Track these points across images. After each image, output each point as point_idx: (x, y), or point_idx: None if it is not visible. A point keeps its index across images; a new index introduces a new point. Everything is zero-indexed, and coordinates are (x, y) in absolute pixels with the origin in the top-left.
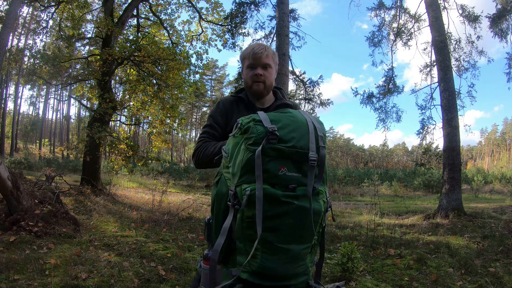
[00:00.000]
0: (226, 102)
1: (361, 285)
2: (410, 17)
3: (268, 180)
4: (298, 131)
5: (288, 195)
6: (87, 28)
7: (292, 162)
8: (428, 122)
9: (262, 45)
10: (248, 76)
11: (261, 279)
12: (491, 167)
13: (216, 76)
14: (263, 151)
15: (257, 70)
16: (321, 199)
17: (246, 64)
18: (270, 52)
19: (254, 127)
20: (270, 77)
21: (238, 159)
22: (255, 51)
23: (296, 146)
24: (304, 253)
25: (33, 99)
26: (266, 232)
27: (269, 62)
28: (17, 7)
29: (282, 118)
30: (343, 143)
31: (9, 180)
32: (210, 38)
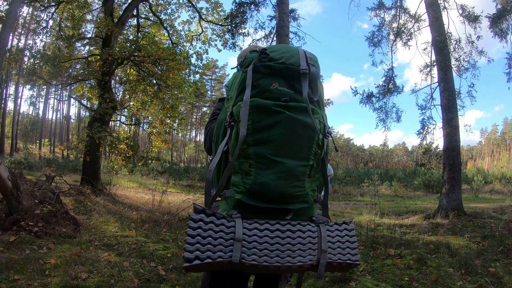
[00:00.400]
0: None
1: (361, 285)
2: (410, 17)
3: (260, 94)
4: (289, 52)
5: (279, 105)
6: (87, 28)
7: (283, 78)
8: (428, 122)
9: (258, 47)
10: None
11: (255, 199)
12: (491, 167)
13: (216, 76)
14: (255, 69)
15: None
16: (317, 118)
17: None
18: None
19: (250, 54)
20: None
21: (235, 83)
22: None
23: (285, 63)
24: (300, 171)
25: (33, 99)
26: (258, 145)
27: None
28: (17, 7)
29: (275, 46)
30: (343, 143)
31: (9, 180)
32: (210, 38)
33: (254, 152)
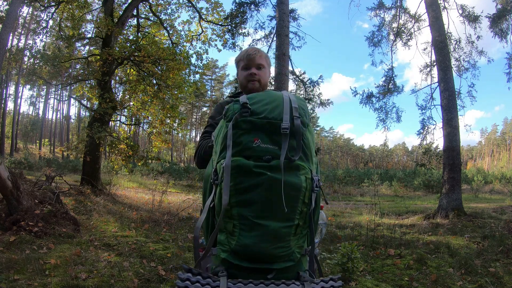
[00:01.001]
0: (224, 104)
1: (361, 285)
2: (410, 17)
3: (242, 152)
4: (272, 103)
5: (260, 166)
6: (87, 28)
7: (266, 134)
8: (428, 122)
9: (255, 48)
10: (243, 76)
11: (239, 259)
12: (491, 167)
13: (216, 76)
14: (236, 125)
15: (251, 70)
16: (303, 175)
17: (241, 66)
18: (263, 54)
19: (232, 106)
20: (264, 77)
21: (219, 138)
22: (249, 53)
23: (267, 117)
24: (285, 232)
25: (33, 99)
26: (241, 207)
27: (262, 62)
28: (17, 7)
29: (258, 95)
30: (343, 143)
31: (9, 180)
32: (210, 38)
33: (237, 213)
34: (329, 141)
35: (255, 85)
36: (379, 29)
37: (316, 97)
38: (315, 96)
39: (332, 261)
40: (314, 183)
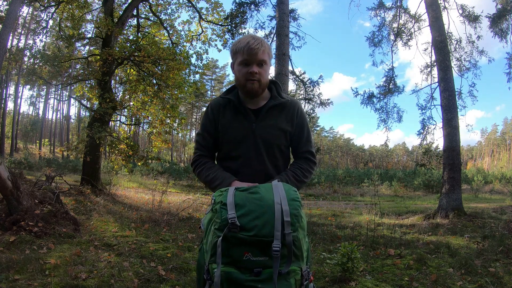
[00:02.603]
0: (214, 107)
1: (361, 285)
2: (410, 17)
3: (233, 264)
4: (262, 217)
5: (251, 280)
6: (87, 28)
7: (257, 248)
8: (428, 122)
9: (257, 39)
10: (241, 73)
11: None
12: (491, 167)
13: (216, 76)
14: (226, 238)
15: (252, 67)
16: (292, 277)
17: (239, 59)
18: (266, 47)
19: (220, 211)
20: (265, 75)
21: (209, 238)
22: (251, 46)
23: (258, 235)
24: None
25: (33, 99)
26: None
27: (265, 58)
28: (17, 7)
29: (247, 202)
30: (343, 143)
31: (9, 180)
32: (210, 38)
33: None
34: (329, 141)
35: (255, 86)
36: (380, 29)
37: (316, 97)
38: (315, 96)
39: (332, 261)
40: (303, 278)
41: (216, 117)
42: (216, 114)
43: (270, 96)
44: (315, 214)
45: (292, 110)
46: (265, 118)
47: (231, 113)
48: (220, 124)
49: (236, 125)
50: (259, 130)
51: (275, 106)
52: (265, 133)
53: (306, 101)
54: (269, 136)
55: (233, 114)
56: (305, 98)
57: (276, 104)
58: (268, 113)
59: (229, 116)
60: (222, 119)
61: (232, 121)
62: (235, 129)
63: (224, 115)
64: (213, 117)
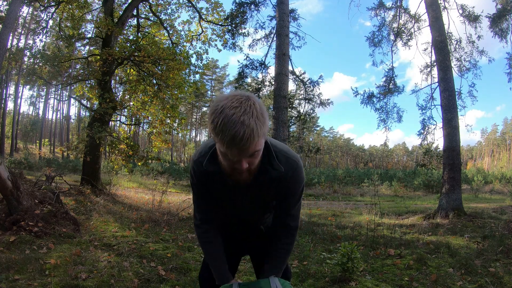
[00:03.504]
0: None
1: (361, 285)
2: (410, 17)
3: None
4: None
5: None
6: (87, 28)
7: None
8: (428, 122)
9: (248, 126)
10: (225, 163)
11: None
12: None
13: (216, 76)
14: None
15: (241, 164)
16: None
17: (220, 147)
18: (260, 128)
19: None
20: (257, 161)
21: None
22: (238, 145)
23: None
24: None
25: (33, 99)
26: None
27: (258, 147)
28: (17, 7)
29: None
30: (343, 143)
31: (9, 180)
32: (210, 38)
33: None
34: (329, 141)
35: (243, 177)
36: (380, 29)
37: (316, 97)
38: (315, 96)
39: (332, 261)
40: None
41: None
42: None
43: (261, 166)
44: (315, 214)
45: (284, 182)
46: (254, 192)
47: (218, 183)
48: (212, 189)
49: (228, 195)
50: (251, 201)
51: (265, 180)
52: (257, 205)
53: (306, 101)
54: (261, 206)
55: (220, 185)
56: (305, 98)
57: (266, 178)
58: (258, 187)
59: (217, 185)
60: (211, 186)
61: (221, 191)
62: (227, 198)
63: (211, 183)
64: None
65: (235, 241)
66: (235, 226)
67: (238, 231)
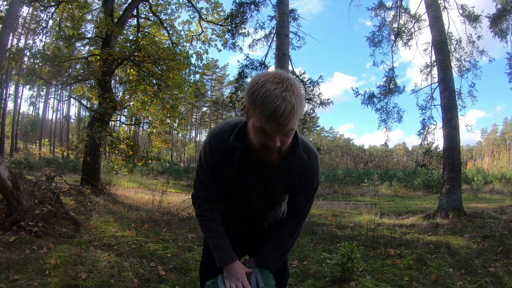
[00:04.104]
0: (217, 151)
1: (361, 285)
2: (410, 17)
3: None
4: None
5: None
6: (87, 28)
7: None
8: (428, 122)
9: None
10: (257, 140)
11: None
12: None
13: (216, 76)
14: None
15: (274, 141)
16: None
17: (256, 123)
18: (299, 108)
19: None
20: (289, 141)
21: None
22: (278, 120)
23: None
24: None
25: (33, 99)
26: None
27: (294, 126)
28: (17, 7)
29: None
30: (343, 143)
31: (9, 180)
32: (210, 38)
33: None
34: (329, 141)
35: (272, 157)
36: (380, 29)
37: (316, 97)
38: (315, 96)
39: (332, 261)
40: None
41: (220, 158)
42: (220, 158)
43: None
44: (315, 214)
45: (302, 170)
46: (270, 179)
47: (237, 163)
48: (224, 167)
49: (239, 177)
50: (262, 187)
51: (285, 167)
52: (266, 193)
53: (306, 101)
54: (270, 196)
55: (239, 164)
56: (305, 98)
57: (287, 165)
58: (276, 175)
59: (235, 165)
60: (227, 164)
61: (236, 171)
62: (237, 179)
63: (230, 162)
64: (218, 158)
65: (236, 238)
66: (239, 217)
67: (241, 223)
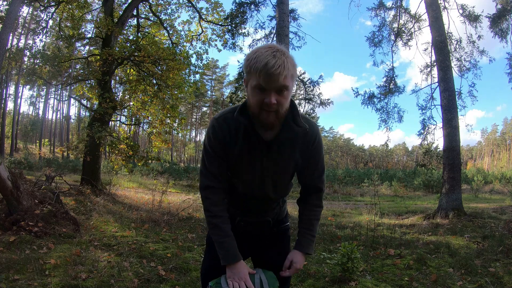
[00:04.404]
0: (224, 130)
1: (361, 285)
2: (410, 17)
3: None
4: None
5: None
6: (87, 28)
7: None
8: (429, 122)
9: (279, 58)
10: (254, 100)
11: None
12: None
13: (216, 76)
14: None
15: (269, 96)
16: None
17: (253, 81)
18: (291, 68)
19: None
20: (285, 103)
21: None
22: (270, 71)
23: None
24: None
25: (33, 99)
26: None
27: (287, 83)
28: (17, 7)
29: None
30: (343, 143)
31: (9, 180)
32: (210, 38)
33: None
34: (329, 141)
35: (270, 118)
36: (380, 29)
37: (316, 97)
38: (315, 96)
39: (332, 261)
40: None
41: (225, 140)
42: (225, 139)
43: (285, 122)
44: None
45: (307, 142)
46: (276, 152)
47: (242, 140)
48: (229, 149)
49: (245, 155)
50: (269, 164)
51: (289, 137)
52: (274, 168)
53: (306, 101)
54: (277, 171)
55: (243, 142)
56: (305, 98)
57: (290, 136)
58: (281, 147)
59: (240, 143)
60: (232, 145)
61: (242, 150)
62: (243, 159)
63: (234, 141)
64: (223, 140)
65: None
66: (244, 211)
67: (246, 216)
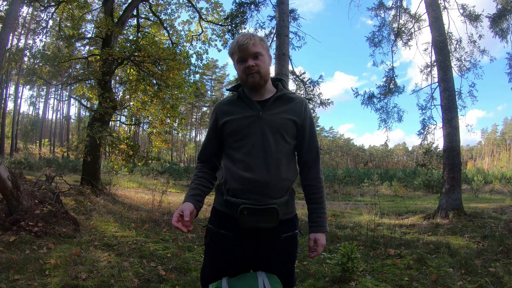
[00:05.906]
0: (220, 107)
1: (361, 285)
2: (410, 17)
3: None
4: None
5: None
6: (87, 28)
7: None
8: (429, 122)
9: (246, 35)
10: (240, 70)
11: None
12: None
13: (216, 76)
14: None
15: (247, 62)
16: None
17: (235, 59)
18: (257, 39)
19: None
20: (263, 65)
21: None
22: (240, 43)
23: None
24: None
25: (33, 99)
26: None
27: (258, 50)
28: (17, 7)
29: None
30: (343, 143)
31: (9, 180)
32: (210, 38)
33: None
34: (329, 141)
35: (256, 79)
36: (380, 29)
37: (316, 96)
38: (315, 96)
39: (332, 261)
40: None
41: (220, 116)
42: (220, 114)
43: (277, 90)
44: None
45: (299, 104)
46: (272, 107)
47: (237, 107)
48: (225, 120)
49: (241, 115)
50: (266, 116)
51: (281, 97)
52: (272, 119)
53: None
54: (276, 121)
55: (239, 107)
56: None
57: (283, 95)
58: (275, 103)
59: (235, 109)
60: (227, 115)
61: (237, 113)
62: (240, 119)
63: (229, 111)
64: (217, 116)
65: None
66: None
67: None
